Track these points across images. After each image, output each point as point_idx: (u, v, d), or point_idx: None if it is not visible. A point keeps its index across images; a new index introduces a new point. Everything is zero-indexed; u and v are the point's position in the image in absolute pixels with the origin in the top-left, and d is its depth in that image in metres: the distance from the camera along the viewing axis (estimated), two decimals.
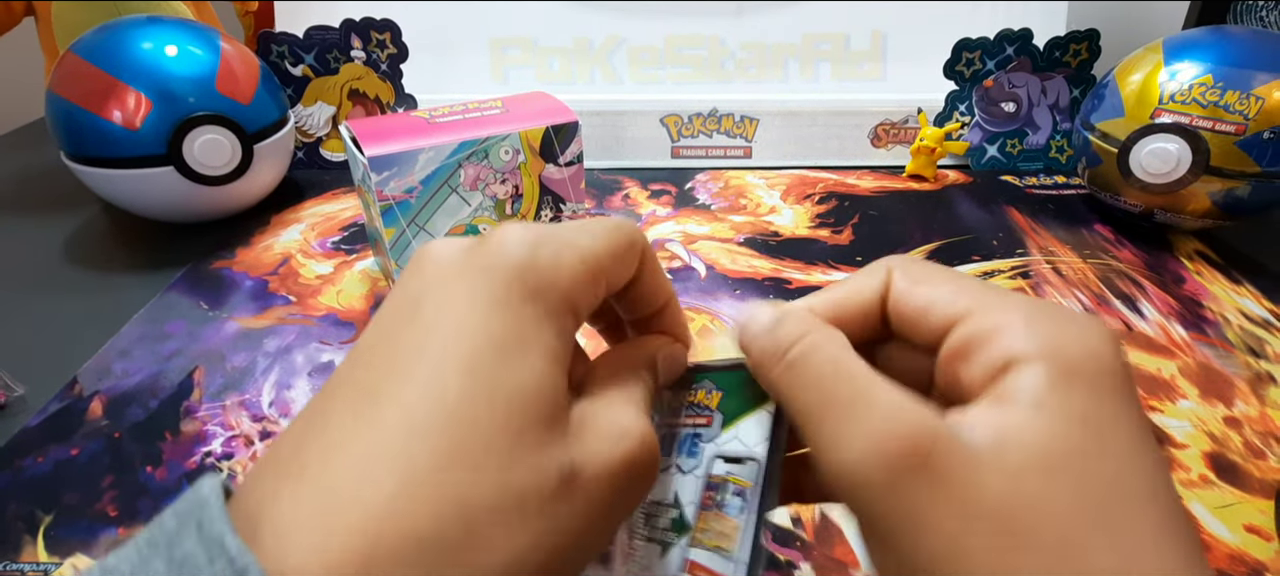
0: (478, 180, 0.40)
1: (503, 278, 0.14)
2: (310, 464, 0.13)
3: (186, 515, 0.12)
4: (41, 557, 0.27)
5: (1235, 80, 0.43)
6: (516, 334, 0.14)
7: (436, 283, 0.15)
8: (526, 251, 0.15)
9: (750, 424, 0.20)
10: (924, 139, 0.58)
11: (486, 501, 0.12)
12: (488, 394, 0.13)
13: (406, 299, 0.15)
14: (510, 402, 0.13)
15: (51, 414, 0.34)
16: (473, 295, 0.14)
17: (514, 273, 0.14)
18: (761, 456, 0.19)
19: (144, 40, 0.46)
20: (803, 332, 0.17)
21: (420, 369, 0.13)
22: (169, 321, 0.41)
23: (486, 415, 0.13)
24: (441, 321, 0.14)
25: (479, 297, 0.14)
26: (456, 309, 0.14)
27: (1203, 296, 0.43)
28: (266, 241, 0.49)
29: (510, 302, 0.14)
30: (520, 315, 0.14)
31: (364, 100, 0.60)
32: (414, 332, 0.14)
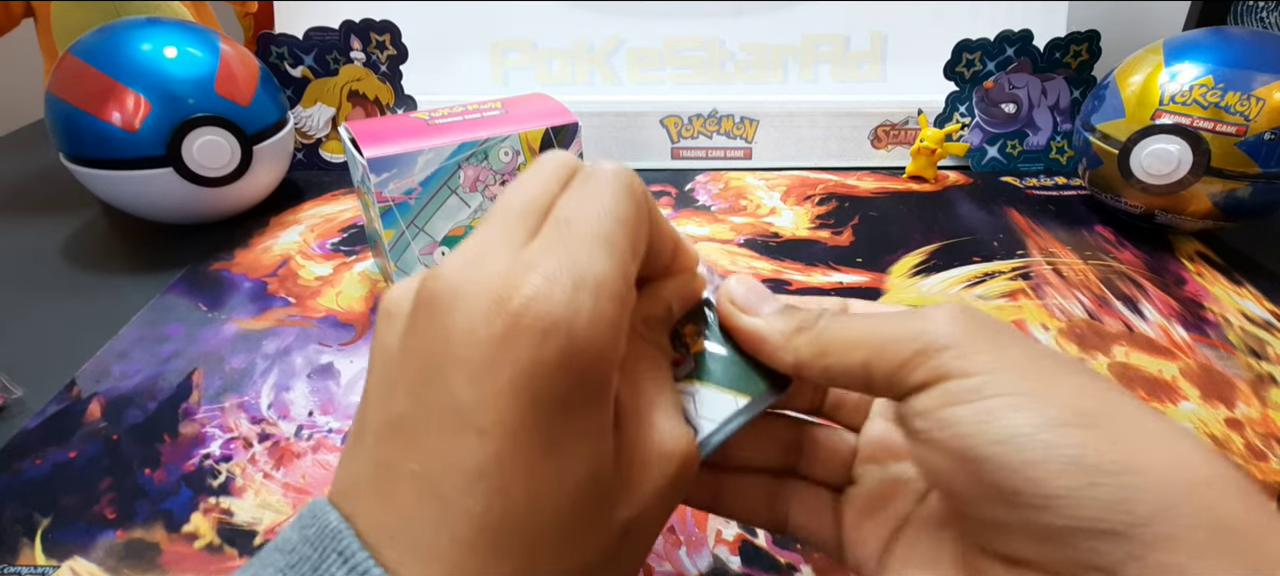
0: (477, 182, 0.40)
1: (546, 376, 0.14)
2: (401, 534, 0.14)
3: (321, 543, 0.14)
4: (39, 560, 0.27)
5: (1236, 81, 0.43)
6: (568, 431, 0.15)
7: (470, 363, 0.14)
8: (564, 339, 0.14)
9: (714, 397, 0.20)
10: (924, 140, 0.58)
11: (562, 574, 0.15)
12: (552, 497, 0.14)
13: (428, 362, 0.15)
14: (573, 498, 0.15)
15: (50, 416, 0.34)
16: (516, 395, 0.14)
17: (558, 366, 0.14)
18: (701, 434, 0.19)
19: (143, 41, 0.46)
20: (825, 311, 0.19)
21: (480, 482, 0.14)
22: (168, 323, 0.41)
23: (552, 517, 0.14)
24: (489, 419, 0.14)
25: (524, 398, 0.14)
26: (501, 411, 0.14)
27: (1204, 298, 0.43)
28: (266, 243, 0.49)
29: (559, 401, 0.14)
30: (570, 408, 0.15)
31: (363, 101, 0.60)
32: (453, 421, 0.14)
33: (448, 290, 0.15)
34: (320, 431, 0.33)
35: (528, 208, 0.17)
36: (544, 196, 0.17)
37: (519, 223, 0.16)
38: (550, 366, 0.14)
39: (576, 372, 0.14)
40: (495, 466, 0.14)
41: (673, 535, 0.28)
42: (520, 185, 0.18)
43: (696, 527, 0.28)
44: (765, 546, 0.27)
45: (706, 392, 0.20)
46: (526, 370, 0.14)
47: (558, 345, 0.14)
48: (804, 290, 0.43)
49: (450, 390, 0.14)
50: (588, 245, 0.15)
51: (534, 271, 0.15)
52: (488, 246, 0.16)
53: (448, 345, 0.15)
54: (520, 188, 0.17)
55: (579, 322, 0.14)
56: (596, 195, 0.17)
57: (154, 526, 0.28)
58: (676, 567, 0.26)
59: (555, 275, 0.15)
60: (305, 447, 0.32)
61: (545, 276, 0.14)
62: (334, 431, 0.33)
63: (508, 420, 0.14)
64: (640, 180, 0.18)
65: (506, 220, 0.16)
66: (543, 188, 0.17)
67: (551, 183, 0.17)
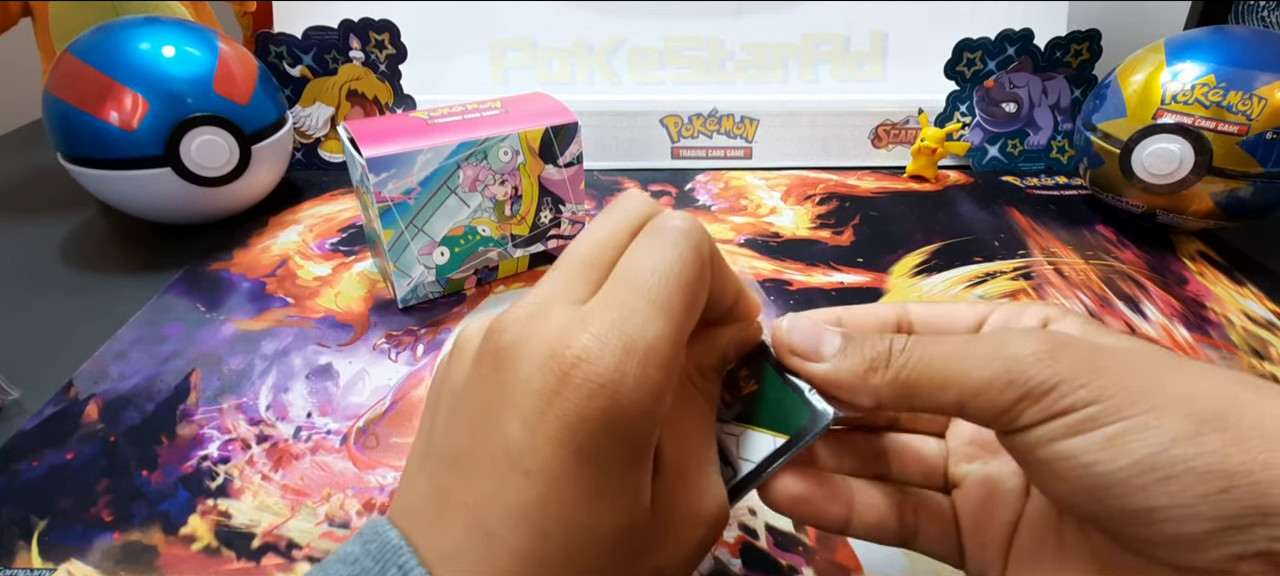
0: (477, 181, 0.40)
1: (590, 431, 0.15)
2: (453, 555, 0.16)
3: (382, 558, 0.16)
4: (36, 563, 0.27)
5: (1238, 80, 0.42)
6: (608, 483, 0.16)
7: (523, 410, 0.16)
8: (609, 400, 0.15)
9: (757, 438, 0.21)
10: (925, 139, 0.58)
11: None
12: (587, 544, 0.15)
13: (488, 403, 0.16)
14: (606, 546, 0.16)
15: (47, 417, 0.34)
16: (562, 444, 0.15)
17: (602, 424, 0.15)
18: (739, 474, 0.20)
19: (141, 41, 0.45)
20: (894, 345, 0.18)
21: (523, 521, 0.15)
22: (166, 324, 0.41)
23: (585, 562, 0.16)
24: (536, 464, 0.15)
25: (568, 448, 0.15)
26: (547, 458, 0.15)
27: (1205, 298, 0.42)
28: (264, 243, 0.49)
29: (600, 455, 0.15)
30: (610, 463, 0.16)
31: (362, 101, 0.60)
32: (504, 461, 0.16)
33: (511, 344, 0.16)
34: (319, 432, 0.33)
35: (594, 258, 0.18)
36: (612, 246, 0.18)
37: (583, 274, 0.18)
38: (595, 423, 0.15)
39: (619, 432, 0.15)
40: (538, 508, 0.15)
41: None
42: (592, 230, 0.19)
43: None
44: (766, 548, 0.27)
45: (749, 434, 0.21)
46: (572, 423, 0.15)
47: (603, 405, 0.15)
48: (805, 291, 0.43)
49: (504, 432, 0.16)
50: (644, 308, 0.16)
51: (587, 330, 0.16)
52: (551, 298, 0.17)
53: (506, 392, 0.16)
54: (591, 234, 0.19)
55: (625, 386, 0.15)
56: (661, 254, 0.17)
57: (151, 528, 0.28)
58: None
59: (607, 337, 0.16)
60: (303, 449, 0.32)
61: (597, 337, 0.16)
62: (332, 432, 0.33)
63: (553, 466, 0.15)
64: (708, 236, 0.18)
65: (572, 270, 0.18)
66: (612, 236, 0.18)
67: (621, 231, 0.18)
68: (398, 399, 0.35)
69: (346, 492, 0.30)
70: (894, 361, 0.18)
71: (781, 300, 0.42)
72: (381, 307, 0.42)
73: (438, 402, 0.18)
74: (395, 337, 0.39)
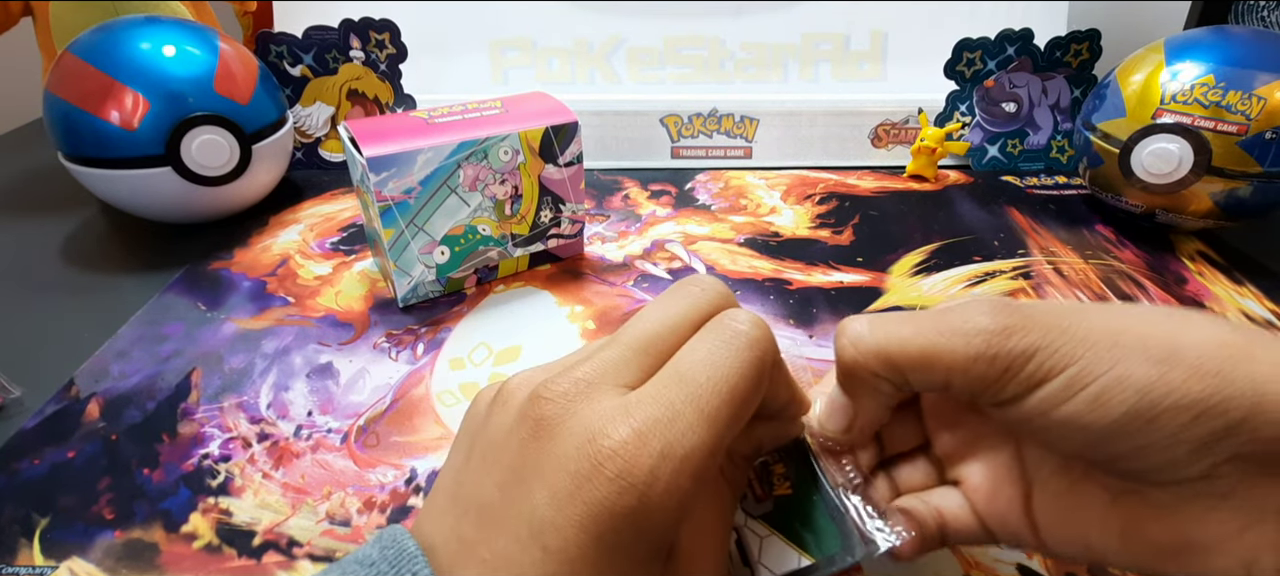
0: (477, 180, 0.40)
1: (613, 523, 0.15)
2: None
3: (398, 563, 0.16)
4: (37, 561, 0.27)
5: (1237, 80, 0.43)
6: (620, 573, 0.16)
7: (554, 487, 0.16)
8: (637, 500, 0.15)
9: (780, 549, 0.20)
10: (925, 139, 0.58)
11: None
12: None
13: (521, 468, 0.17)
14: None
15: (48, 416, 0.34)
16: (584, 530, 0.15)
17: (626, 520, 0.15)
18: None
19: (142, 40, 0.45)
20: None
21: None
22: (167, 322, 0.41)
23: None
24: (556, 542, 0.16)
25: (590, 534, 0.15)
26: (568, 539, 0.15)
27: (1205, 297, 0.43)
28: (265, 242, 0.49)
29: (619, 547, 0.16)
30: (626, 556, 0.16)
31: (363, 100, 0.60)
32: (527, 530, 0.16)
33: (553, 417, 0.17)
34: (319, 431, 0.33)
35: (652, 344, 0.18)
36: (673, 334, 0.18)
37: (638, 360, 0.18)
38: (620, 518, 0.15)
39: (640, 530, 0.16)
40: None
41: None
42: (657, 310, 0.19)
43: None
44: None
45: (775, 542, 0.20)
46: (598, 513, 0.15)
47: (630, 504, 0.15)
48: (805, 291, 0.43)
49: (532, 502, 0.16)
50: (690, 414, 0.16)
51: (629, 424, 0.16)
52: (602, 378, 0.17)
53: (540, 462, 0.16)
54: (655, 315, 0.19)
55: (655, 490, 0.16)
56: (721, 359, 0.17)
57: (153, 526, 0.28)
58: None
59: (647, 437, 0.16)
60: (304, 447, 0.32)
61: (638, 434, 0.16)
62: (333, 431, 0.33)
63: (571, 549, 0.15)
64: (772, 342, 0.18)
65: (628, 352, 0.18)
66: (676, 324, 0.18)
67: (687, 321, 0.18)
68: (398, 397, 0.35)
69: (347, 491, 0.30)
70: (874, 332, 0.19)
71: (781, 300, 0.43)
72: (382, 306, 0.42)
73: (472, 444, 0.19)
74: (396, 336, 0.39)
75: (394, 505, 0.29)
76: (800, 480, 0.21)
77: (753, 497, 0.21)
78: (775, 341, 0.19)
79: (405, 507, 0.29)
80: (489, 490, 0.17)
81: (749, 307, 0.41)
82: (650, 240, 0.49)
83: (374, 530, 0.28)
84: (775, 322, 0.40)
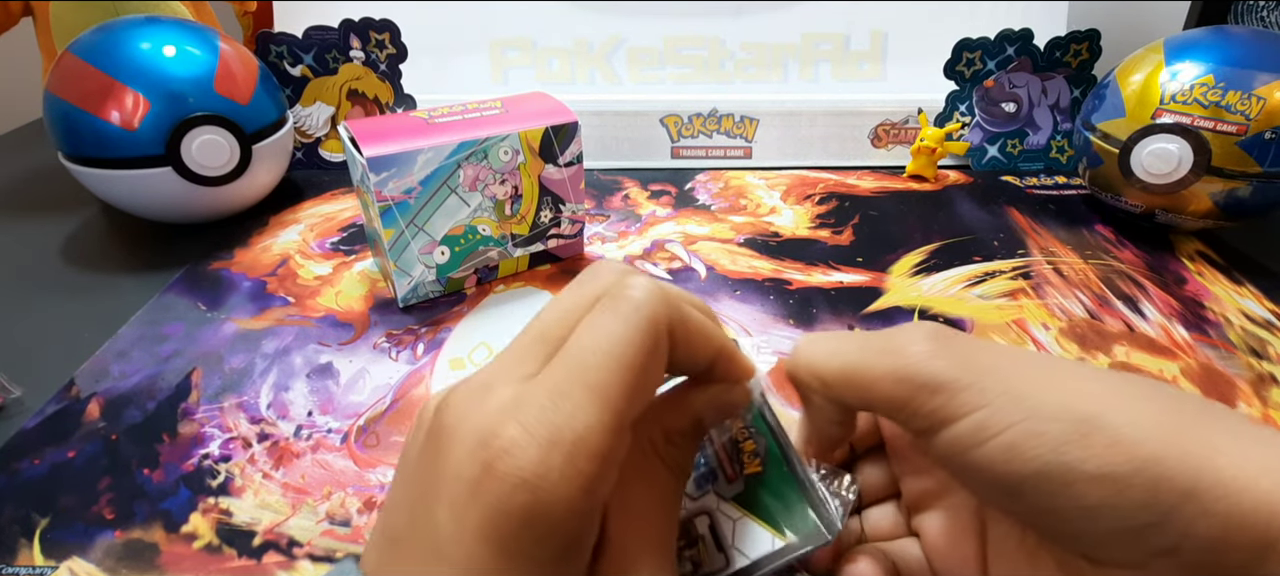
0: (477, 181, 0.40)
1: (511, 528, 0.14)
2: None
3: None
4: (38, 561, 0.27)
5: (1236, 80, 0.43)
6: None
7: (452, 498, 0.15)
8: (530, 497, 0.14)
9: (754, 532, 0.20)
10: (924, 139, 0.58)
11: None
12: None
13: (425, 486, 0.16)
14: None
15: (48, 416, 0.34)
16: (484, 540, 0.15)
17: (523, 521, 0.14)
18: (732, 566, 0.19)
19: (142, 40, 0.45)
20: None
21: None
22: (167, 323, 0.41)
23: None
24: (459, 555, 0.15)
25: (491, 544, 0.15)
26: (469, 551, 0.15)
27: (1204, 297, 0.43)
28: (265, 242, 0.49)
29: (523, 553, 0.15)
30: (533, 561, 0.15)
31: (363, 100, 0.60)
32: (431, 549, 0.15)
33: (451, 425, 0.16)
34: (319, 431, 0.33)
35: (549, 331, 0.17)
36: (567, 320, 0.17)
37: (535, 349, 0.17)
38: (516, 519, 0.14)
39: (542, 528, 0.15)
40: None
41: None
42: (557, 299, 0.18)
43: None
44: None
45: (748, 524, 0.20)
46: (494, 518, 0.14)
47: (524, 501, 0.14)
48: (805, 291, 0.43)
49: (434, 518, 0.15)
50: (577, 393, 0.15)
51: (516, 419, 0.15)
52: (499, 376, 0.16)
53: (439, 475, 0.15)
54: (554, 303, 0.18)
55: (547, 482, 0.14)
56: (606, 331, 0.16)
57: (153, 526, 0.28)
58: None
59: (534, 428, 0.15)
60: (304, 447, 0.32)
61: (524, 428, 0.15)
62: (333, 431, 0.33)
63: (475, 561, 0.15)
64: (667, 304, 0.17)
65: (526, 345, 0.17)
66: (573, 307, 0.17)
67: (584, 302, 0.17)
68: (398, 397, 0.35)
69: (347, 491, 0.30)
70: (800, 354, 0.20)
71: (781, 299, 0.43)
72: (382, 306, 0.42)
73: (399, 469, 0.18)
74: (396, 336, 0.39)
75: None
76: (769, 457, 0.21)
77: (724, 479, 0.21)
78: (674, 301, 0.17)
79: None
80: (401, 515, 0.17)
81: (748, 308, 0.42)
82: (650, 240, 0.49)
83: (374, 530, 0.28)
84: (775, 322, 0.40)
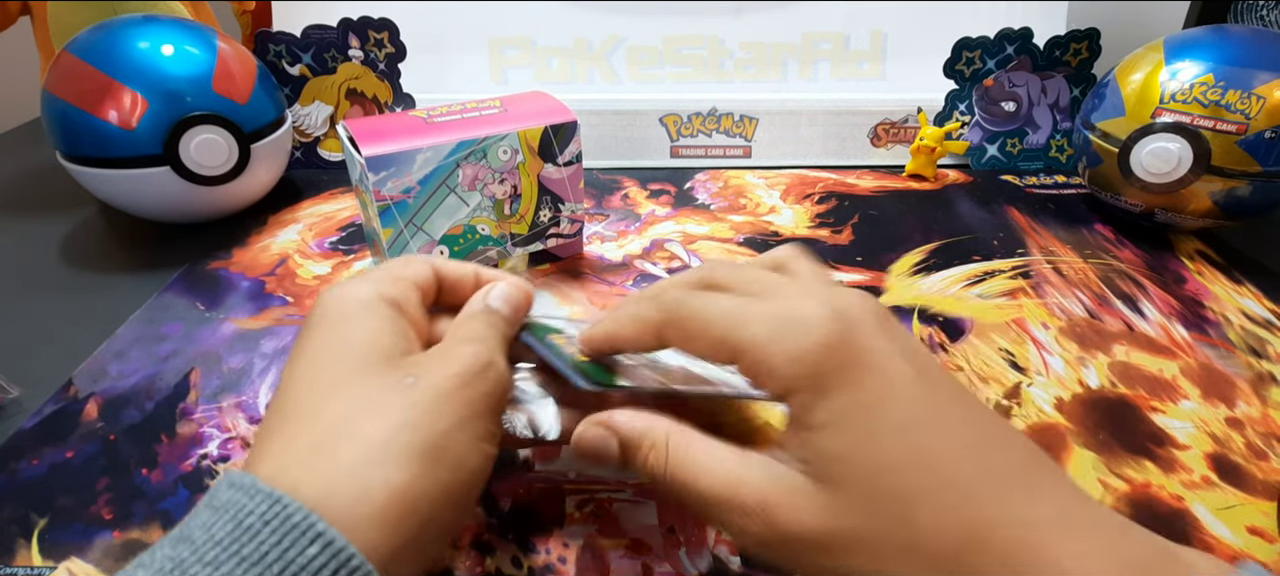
0: (476, 180, 0.40)
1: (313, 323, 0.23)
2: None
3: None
4: (36, 561, 0.27)
5: (1236, 79, 0.43)
6: (382, 325, 0.22)
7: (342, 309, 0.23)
8: (374, 287, 0.23)
9: (544, 408, 0.27)
10: (924, 138, 0.58)
11: (371, 398, 0.20)
12: (359, 353, 0.22)
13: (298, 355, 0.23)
14: (367, 353, 0.21)
15: (46, 416, 0.34)
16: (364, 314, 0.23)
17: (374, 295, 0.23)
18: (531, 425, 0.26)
19: (140, 39, 0.45)
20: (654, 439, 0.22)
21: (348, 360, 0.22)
22: (165, 322, 0.41)
23: (371, 362, 0.21)
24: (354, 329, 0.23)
25: (368, 314, 0.23)
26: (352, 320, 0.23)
27: (1204, 296, 0.43)
28: (263, 242, 0.49)
29: (381, 310, 0.23)
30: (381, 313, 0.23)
31: (362, 100, 0.60)
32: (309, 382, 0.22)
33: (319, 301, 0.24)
34: None
35: None
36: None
37: None
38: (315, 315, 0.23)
39: (388, 299, 0.23)
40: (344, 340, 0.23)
41: (673, 536, 0.27)
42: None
43: (696, 528, 0.28)
44: None
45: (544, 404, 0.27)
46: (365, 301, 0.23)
47: (372, 292, 0.23)
48: None
49: (311, 367, 0.23)
50: (389, 272, 0.25)
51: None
52: None
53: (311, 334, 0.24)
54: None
55: (385, 289, 0.24)
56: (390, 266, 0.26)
57: (151, 527, 0.28)
58: (676, 568, 0.26)
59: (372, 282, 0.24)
60: None
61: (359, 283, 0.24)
62: None
63: (352, 319, 0.23)
64: (414, 266, 0.26)
65: None
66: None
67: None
68: None
69: None
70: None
71: None
72: None
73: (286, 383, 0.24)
74: None
75: None
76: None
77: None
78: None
79: None
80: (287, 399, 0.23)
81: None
82: (649, 239, 0.49)
83: None
84: None
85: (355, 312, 0.22)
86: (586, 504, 0.29)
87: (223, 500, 0.17)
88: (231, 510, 0.17)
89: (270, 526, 0.17)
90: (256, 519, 0.17)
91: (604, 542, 0.27)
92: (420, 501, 0.19)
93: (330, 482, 0.18)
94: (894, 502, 0.18)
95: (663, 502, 0.29)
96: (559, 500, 0.29)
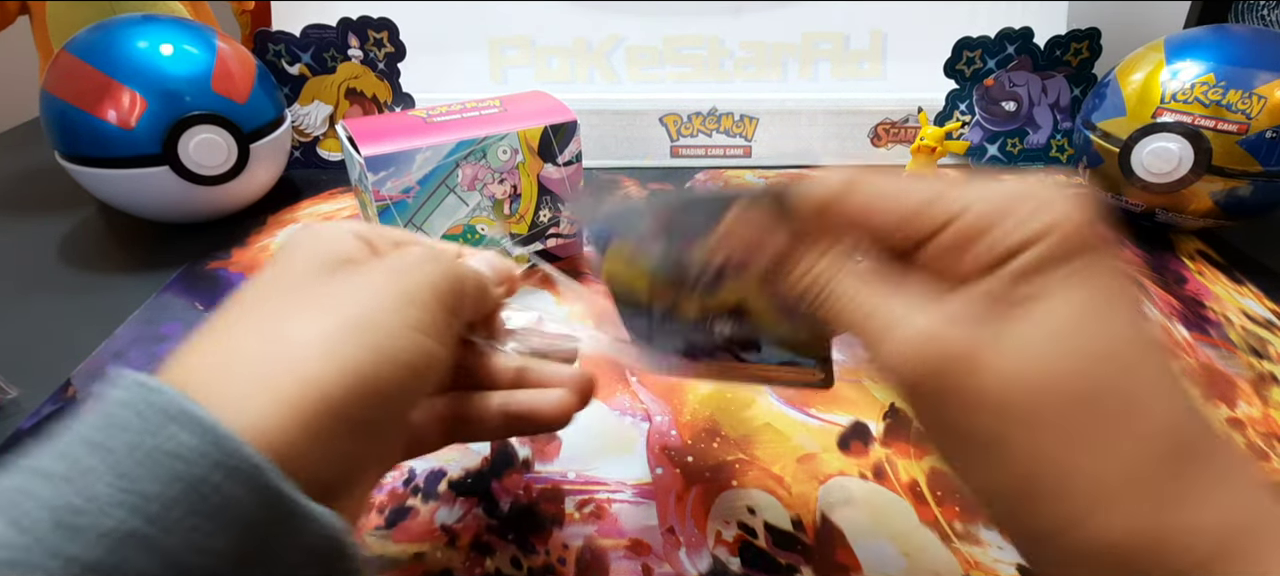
0: (475, 180, 0.40)
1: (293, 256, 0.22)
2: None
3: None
4: None
5: (1237, 79, 0.42)
6: (338, 247, 0.21)
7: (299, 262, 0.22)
8: (350, 226, 0.23)
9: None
10: (924, 138, 0.58)
11: (295, 296, 0.20)
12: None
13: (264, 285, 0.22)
14: (308, 263, 0.21)
15: (45, 416, 0.34)
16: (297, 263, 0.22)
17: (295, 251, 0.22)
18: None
19: (139, 39, 0.45)
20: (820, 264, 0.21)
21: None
22: (164, 323, 0.41)
23: (310, 270, 0.21)
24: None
25: (327, 239, 0.22)
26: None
27: (1205, 297, 0.43)
28: (263, 242, 0.49)
29: (346, 238, 0.22)
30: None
31: (361, 99, 0.60)
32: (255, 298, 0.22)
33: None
34: None
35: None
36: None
37: None
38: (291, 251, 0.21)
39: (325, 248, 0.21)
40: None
41: (672, 536, 0.27)
42: None
43: (696, 528, 0.28)
44: (765, 547, 0.27)
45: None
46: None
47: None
48: None
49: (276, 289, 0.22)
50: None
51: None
52: None
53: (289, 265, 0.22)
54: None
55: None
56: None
57: None
58: (676, 568, 0.26)
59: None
60: None
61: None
62: None
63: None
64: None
65: None
66: None
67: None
68: None
69: None
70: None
71: None
72: None
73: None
74: None
75: (392, 505, 0.29)
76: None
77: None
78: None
79: (404, 507, 0.29)
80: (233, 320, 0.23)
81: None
82: None
83: (372, 530, 0.28)
84: None
85: (307, 240, 0.21)
86: (586, 504, 0.29)
87: (99, 400, 0.16)
88: (102, 405, 0.15)
89: (140, 415, 0.14)
90: (129, 410, 0.15)
91: (604, 542, 0.27)
92: (333, 391, 0.16)
93: (223, 370, 0.17)
94: (1116, 398, 0.16)
95: (663, 503, 0.29)
96: (559, 500, 0.29)
